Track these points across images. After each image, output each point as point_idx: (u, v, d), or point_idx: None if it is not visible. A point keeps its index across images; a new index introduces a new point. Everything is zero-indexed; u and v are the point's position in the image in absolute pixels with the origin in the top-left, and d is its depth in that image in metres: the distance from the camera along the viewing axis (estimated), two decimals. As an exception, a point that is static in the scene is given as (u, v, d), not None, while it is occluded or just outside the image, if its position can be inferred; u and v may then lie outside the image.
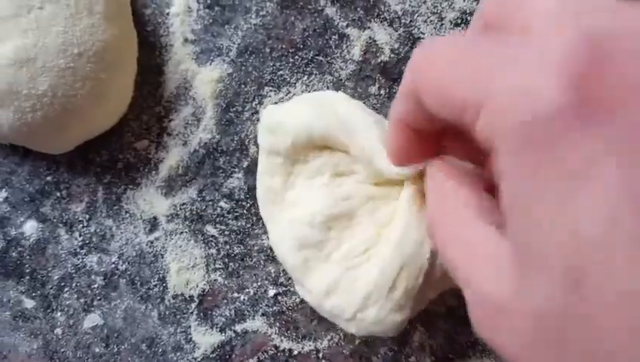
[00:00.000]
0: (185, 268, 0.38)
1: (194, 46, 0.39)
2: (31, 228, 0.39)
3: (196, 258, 0.38)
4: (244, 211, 0.38)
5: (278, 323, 0.38)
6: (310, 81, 0.39)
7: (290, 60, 0.39)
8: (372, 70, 0.39)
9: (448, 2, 0.39)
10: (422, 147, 0.26)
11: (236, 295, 0.38)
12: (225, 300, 0.38)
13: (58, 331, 0.38)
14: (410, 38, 0.39)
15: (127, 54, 0.37)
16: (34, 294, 0.38)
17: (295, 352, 0.38)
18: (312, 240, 0.33)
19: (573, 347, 0.17)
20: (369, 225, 0.33)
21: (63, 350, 0.38)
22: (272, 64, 0.39)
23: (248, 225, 0.38)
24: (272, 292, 0.38)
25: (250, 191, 0.38)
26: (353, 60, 0.39)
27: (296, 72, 0.39)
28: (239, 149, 0.39)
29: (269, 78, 0.39)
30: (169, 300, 0.38)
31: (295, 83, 0.39)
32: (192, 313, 0.38)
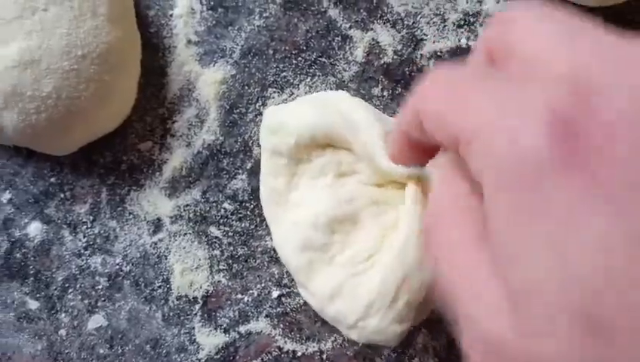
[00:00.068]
0: (189, 269, 0.38)
1: (197, 47, 0.39)
2: (35, 229, 0.39)
3: (200, 259, 0.38)
4: (248, 212, 0.38)
5: (281, 325, 0.38)
6: (313, 83, 0.39)
7: (294, 62, 0.39)
8: (375, 72, 0.39)
9: (451, 4, 0.39)
10: (421, 154, 0.27)
11: (240, 296, 0.38)
12: (229, 301, 0.38)
13: (62, 332, 0.38)
14: (413, 40, 0.39)
15: (131, 56, 0.37)
16: (38, 295, 0.38)
17: (299, 353, 0.38)
18: (316, 243, 0.33)
19: None
20: (373, 230, 0.33)
21: (67, 351, 0.38)
22: (275, 66, 0.39)
23: (252, 226, 0.38)
24: (275, 293, 0.38)
25: (254, 192, 0.38)
26: (356, 62, 0.39)
27: (300, 74, 0.39)
28: (243, 151, 0.39)
29: (272, 79, 0.39)
30: (173, 301, 0.38)
31: (298, 84, 0.39)
32: (195, 314, 0.38)
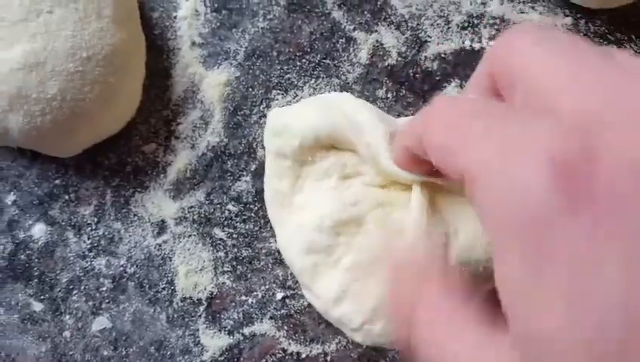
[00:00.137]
0: (193, 271, 0.38)
1: (201, 49, 0.40)
2: (39, 231, 0.39)
3: (204, 261, 0.38)
4: (252, 214, 0.38)
5: (286, 327, 0.38)
6: (317, 85, 0.39)
7: (298, 64, 0.39)
8: (379, 73, 0.39)
9: (455, 6, 0.39)
10: (423, 165, 0.27)
11: (244, 298, 0.38)
12: (233, 303, 0.38)
13: (66, 334, 0.38)
14: (417, 42, 0.39)
15: (136, 58, 0.37)
16: (42, 297, 0.38)
17: (303, 355, 0.38)
18: (321, 245, 0.33)
19: None
20: (378, 233, 0.33)
21: (71, 353, 0.38)
22: (279, 67, 0.39)
23: (256, 228, 0.38)
24: (279, 295, 0.38)
25: (258, 194, 0.38)
26: (360, 63, 0.39)
27: (304, 76, 0.39)
28: (247, 152, 0.39)
29: (276, 81, 0.39)
30: (177, 303, 0.38)
31: (302, 86, 0.39)
32: (200, 316, 0.38)
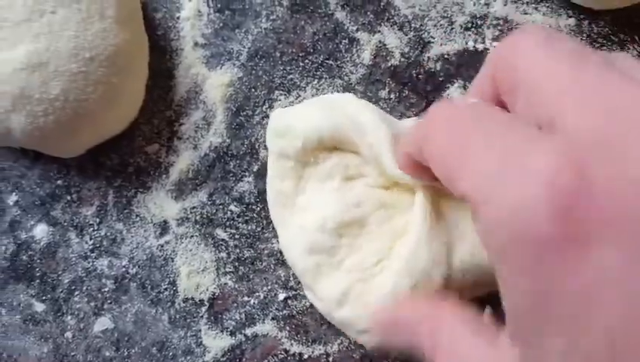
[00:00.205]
0: (195, 271, 0.38)
1: (204, 50, 0.39)
2: (41, 231, 0.39)
3: (206, 261, 0.38)
4: (255, 215, 0.38)
5: (288, 327, 0.38)
6: (320, 85, 0.39)
7: (301, 64, 0.39)
8: (382, 74, 0.39)
9: (458, 6, 0.39)
10: (426, 171, 0.27)
11: (246, 299, 0.38)
12: (235, 304, 0.38)
13: (68, 335, 0.38)
14: (420, 42, 0.39)
15: (139, 58, 0.37)
16: (44, 298, 0.38)
17: (305, 356, 0.38)
18: (323, 246, 0.33)
19: None
20: (382, 235, 0.33)
21: (73, 354, 0.38)
22: (282, 68, 0.39)
23: (258, 228, 0.38)
24: (282, 296, 0.38)
25: (261, 194, 0.38)
26: (363, 64, 0.39)
27: (307, 76, 0.39)
28: (249, 153, 0.39)
29: (279, 82, 0.39)
30: (179, 304, 0.38)
31: (305, 87, 0.39)
32: (202, 317, 0.38)
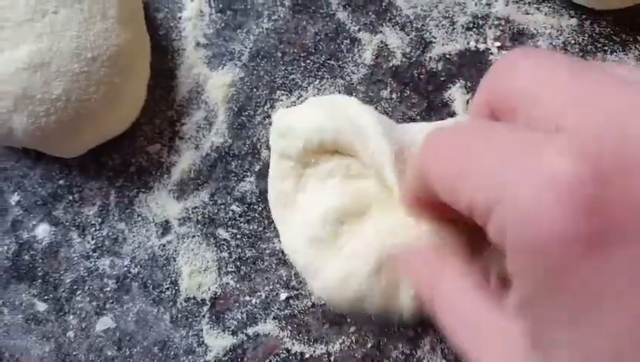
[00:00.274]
0: (197, 271, 0.38)
1: (206, 50, 0.40)
2: (43, 231, 0.39)
3: (208, 261, 0.38)
4: (256, 215, 0.38)
5: (289, 327, 0.38)
6: (322, 85, 0.39)
7: (302, 64, 0.39)
8: (384, 74, 0.39)
9: (460, 6, 0.39)
10: (431, 210, 0.27)
11: (248, 298, 0.38)
12: (237, 303, 0.38)
13: (70, 334, 0.38)
14: (421, 42, 0.39)
15: (140, 58, 0.37)
16: (46, 297, 0.38)
17: (307, 355, 0.38)
18: (325, 235, 0.33)
19: None
20: (383, 222, 0.33)
21: (75, 353, 0.38)
22: (283, 68, 0.39)
23: (260, 228, 0.38)
24: (283, 295, 0.38)
25: (262, 194, 0.38)
26: (365, 64, 0.39)
27: (308, 76, 0.39)
28: (251, 153, 0.39)
29: (280, 82, 0.39)
30: (181, 303, 0.38)
31: (307, 87, 0.39)
32: (204, 316, 0.38)
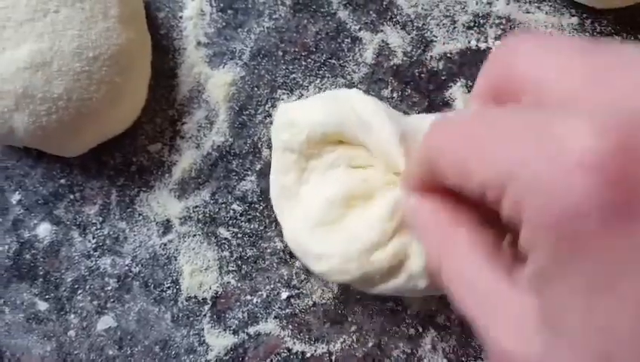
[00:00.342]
0: (198, 270, 0.38)
1: (207, 49, 0.40)
2: (44, 230, 0.39)
3: (209, 260, 0.38)
4: (257, 214, 0.38)
5: (290, 326, 0.38)
6: (323, 84, 0.39)
7: (303, 63, 0.39)
8: (385, 73, 0.39)
9: (461, 5, 0.39)
10: (432, 186, 0.26)
11: (249, 297, 0.38)
12: (238, 302, 0.38)
13: (71, 333, 0.38)
14: (422, 41, 0.39)
15: (142, 58, 0.37)
16: (47, 296, 0.38)
17: (308, 355, 0.38)
18: (330, 220, 0.33)
19: None
20: (388, 204, 0.32)
21: (76, 352, 0.38)
22: (284, 67, 0.39)
23: (261, 227, 0.38)
24: (284, 294, 0.38)
25: (263, 193, 0.38)
26: (366, 63, 0.39)
27: (309, 75, 0.39)
28: (252, 152, 0.39)
29: (281, 81, 0.39)
30: (182, 302, 0.38)
31: (308, 86, 0.39)
32: (205, 315, 0.38)
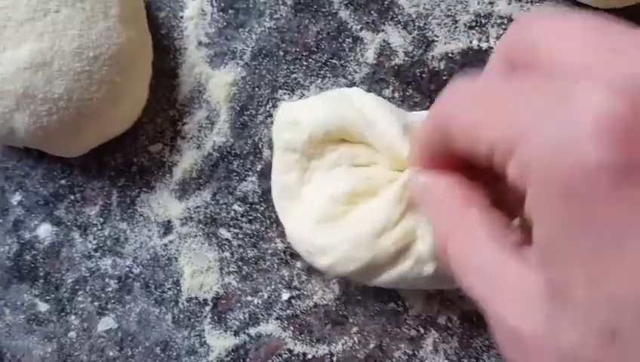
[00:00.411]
0: (199, 271, 0.38)
1: (208, 49, 0.39)
2: (45, 231, 0.39)
3: (210, 261, 0.38)
4: (258, 214, 0.38)
5: (292, 327, 0.38)
6: (324, 84, 0.39)
7: (304, 63, 0.39)
8: (386, 73, 0.39)
9: (462, 5, 0.39)
10: (441, 163, 0.26)
11: (250, 298, 0.38)
12: (239, 303, 0.38)
13: (72, 334, 0.38)
14: (424, 41, 0.39)
15: (142, 58, 0.37)
16: (48, 297, 0.38)
17: (309, 356, 0.38)
18: (333, 216, 0.33)
19: None
20: (392, 200, 0.32)
21: (76, 353, 0.38)
22: (285, 67, 0.39)
23: (262, 228, 0.38)
24: (285, 295, 0.38)
25: (264, 194, 0.38)
26: (367, 63, 0.39)
27: (310, 75, 0.39)
28: (253, 152, 0.39)
29: (282, 81, 0.39)
30: (183, 303, 0.38)
31: (309, 86, 0.39)
32: (205, 316, 0.38)
